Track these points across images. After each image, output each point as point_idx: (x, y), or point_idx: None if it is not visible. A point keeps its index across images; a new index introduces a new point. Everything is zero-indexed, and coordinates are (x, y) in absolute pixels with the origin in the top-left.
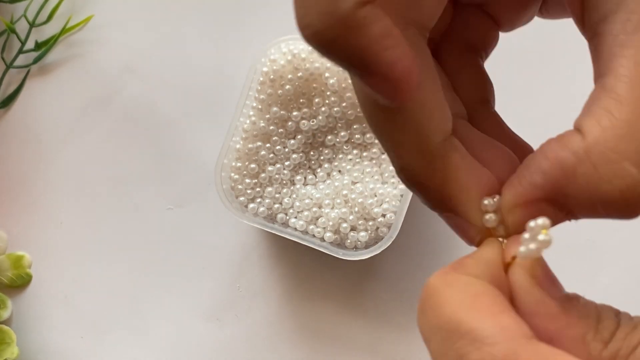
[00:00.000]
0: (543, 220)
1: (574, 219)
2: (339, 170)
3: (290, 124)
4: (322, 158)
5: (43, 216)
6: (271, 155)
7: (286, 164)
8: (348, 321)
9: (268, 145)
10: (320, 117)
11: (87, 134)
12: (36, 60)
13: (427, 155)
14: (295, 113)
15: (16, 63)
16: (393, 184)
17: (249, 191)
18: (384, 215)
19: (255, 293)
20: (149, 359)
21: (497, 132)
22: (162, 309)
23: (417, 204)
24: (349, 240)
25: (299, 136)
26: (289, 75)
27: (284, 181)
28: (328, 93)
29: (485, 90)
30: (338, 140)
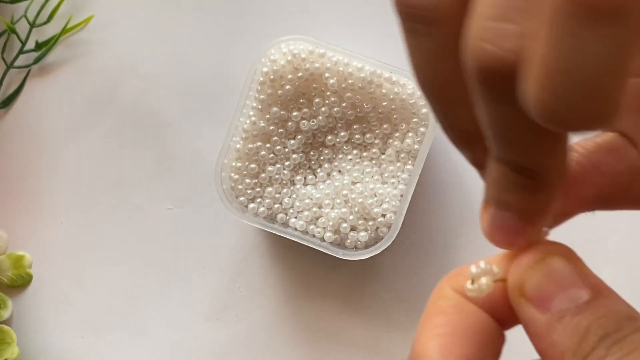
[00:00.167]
0: (484, 265)
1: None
2: (339, 170)
3: (290, 124)
4: (322, 158)
5: (43, 216)
6: (271, 155)
7: (286, 164)
8: (348, 321)
9: (268, 145)
10: (320, 117)
11: (87, 134)
12: (36, 60)
13: None
14: (295, 113)
15: (16, 63)
16: (393, 184)
17: (249, 191)
18: (384, 215)
19: (255, 293)
20: (149, 359)
21: None
22: (162, 309)
23: (417, 204)
24: (349, 240)
25: (299, 136)
26: (289, 75)
27: (284, 181)
28: (328, 93)
29: None
30: (338, 140)
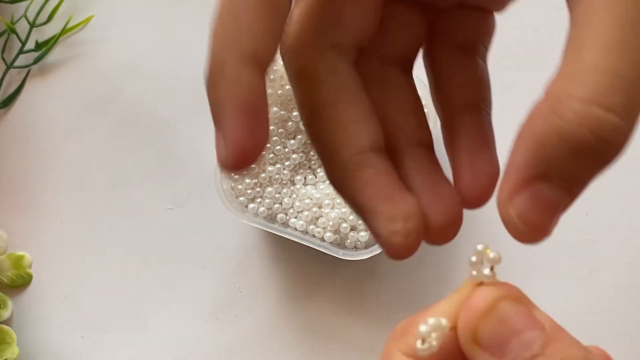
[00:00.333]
0: (435, 321)
1: (577, 192)
2: None
3: (290, 124)
4: None
5: (43, 216)
6: (271, 155)
7: (286, 164)
8: (348, 321)
9: (268, 145)
10: None
11: (87, 134)
12: (36, 60)
13: (337, 167)
14: (295, 113)
15: (16, 63)
16: None
17: (249, 191)
18: None
19: (255, 293)
20: (149, 359)
21: (475, 145)
22: (162, 309)
23: None
24: (349, 240)
25: (299, 136)
26: None
27: (284, 181)
28: None
29: (476, 94)
30: None
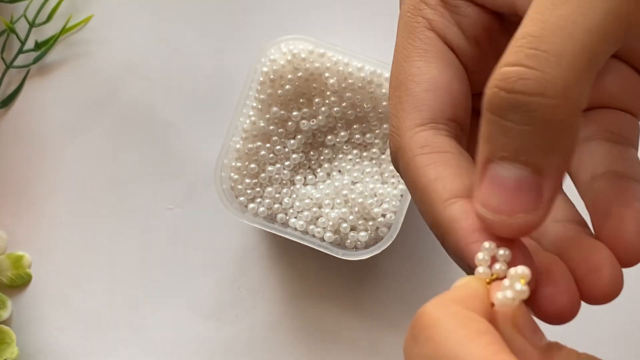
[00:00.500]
0: (523, 269)
1: (540, 163)
2: (339, 170)
3: (290, 124)
4: (322, 158)
5: (43, 216)
6: (271, 155)
7: (286, 164)
8: (348, 321)
9: (268, 145)
10: (320, 117)
11: (87, 134)
12: (36, 60)
13: (432, 214)
14: (295, 113)
15: (16, 63)
16: (393, 184)
17: (249, 191)
18: (384, 215)
19: (255, 293)
20: (149, 359)
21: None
22: (162, 309)
23: None
24: (349, 240)
25: (299, 136)
26: (289, 75)
27: (284, 181)
28: (328, 93)
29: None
30: (338, 140)
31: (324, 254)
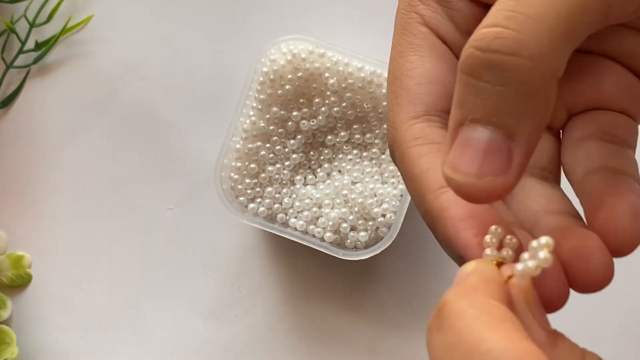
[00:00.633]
0: (547, 239)
1: (513, 126)
2: (339, 170)
3: (290, 124)
4: (322, 158)
5: (43, 216)
6: (271, 155)
7: (286, 164)
8: (348, 321)
9: (268, 145)
10: (320, 117)
11: (87, 134)
12: (36, 60)
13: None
14: (295, 113)
15: (16, 63)
16: (393, 184)
17: (249, 191)
18: (384, 215)
19: (255, 293)
20: (149, 359)
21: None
22: (162, 309)
23: None
24: (349, 240)
25: (299, 136)
26: (289, 75)
27: (284, 181)
28: (328, 93)
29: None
30: (338, 140)
31: (324, 254)
